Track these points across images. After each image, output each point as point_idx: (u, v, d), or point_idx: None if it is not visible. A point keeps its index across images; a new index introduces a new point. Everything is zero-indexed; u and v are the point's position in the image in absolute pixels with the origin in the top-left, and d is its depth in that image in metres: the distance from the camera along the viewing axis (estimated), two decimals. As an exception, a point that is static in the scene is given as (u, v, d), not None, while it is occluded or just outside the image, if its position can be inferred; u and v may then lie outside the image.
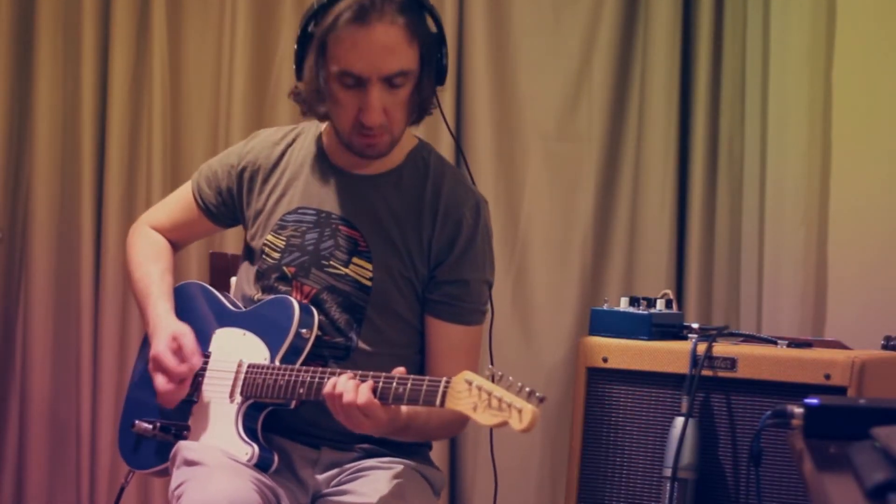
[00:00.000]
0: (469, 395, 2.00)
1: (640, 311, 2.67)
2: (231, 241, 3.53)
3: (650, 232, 3.52)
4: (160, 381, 2.34)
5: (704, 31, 3.44)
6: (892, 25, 3.30)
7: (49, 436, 3.80)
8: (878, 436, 1.46)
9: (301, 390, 2.23)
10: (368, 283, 2.35)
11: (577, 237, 3.58)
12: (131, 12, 3.77)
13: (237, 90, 3.71)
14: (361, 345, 2.35)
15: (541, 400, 1.96)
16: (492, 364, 2.23)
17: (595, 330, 2.70)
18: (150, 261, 2.52)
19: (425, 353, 2.40)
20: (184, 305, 2.47)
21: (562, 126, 3.60)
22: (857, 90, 3.32)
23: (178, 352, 2.34)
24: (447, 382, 2.05)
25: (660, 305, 2.70)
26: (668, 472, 2.51)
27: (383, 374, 2.13)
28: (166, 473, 2.37)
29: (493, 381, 2.00)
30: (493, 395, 1.98)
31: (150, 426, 2.40)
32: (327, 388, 2.15)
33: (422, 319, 2.39)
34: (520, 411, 1.95)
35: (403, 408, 2.18)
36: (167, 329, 2.37)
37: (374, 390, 2.12)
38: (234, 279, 2.59)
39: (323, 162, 2.43)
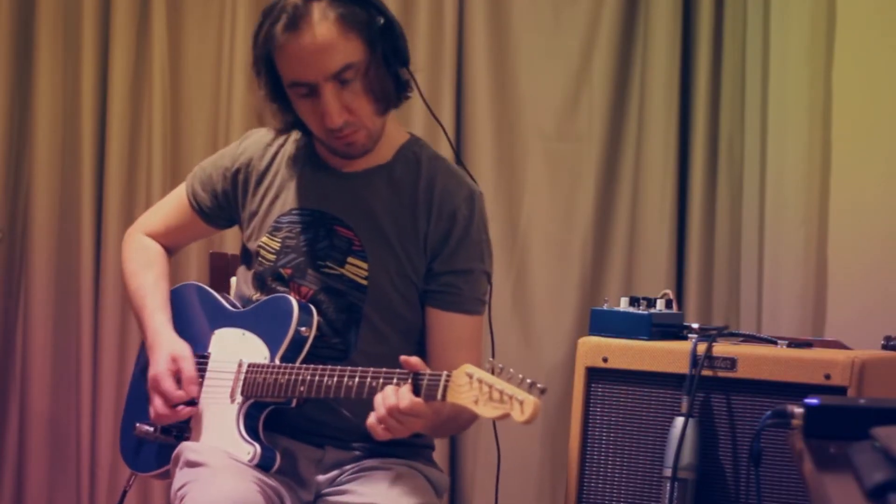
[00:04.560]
0: (470, 388, 2.00)
1: (640, 311, 2.67)
2: (230, 241, 3.52)
3: (650, 232, 3.51)
4: (157, 403, 2.34)
5: (704, 31, 3.44)
6: (892, 25, 3.29)
7: (49, 436, 3.80)
8: (878, 436, 1.45)
9: (302, 388, 2.22)
10: (364, 283, 2.34)
11: (577, 237, 3.58)
12: (131, 12, 3.77)
13: (237, 90, 3.71)
14: (360, 345, 2.34)
15: (542, 391, 1.95)
16: (493, 358, 2.22)
17: (595, 330, 2.70)
18: (143, 270, 2.52)
19: (427, 345, 2.38)
20: (181, 309, 2.47)
21: (562, 126, 3.60)
22: (857, 90, 3.32)
23: (177, 375, 2.34)
24: (448, 376, 2.05)
25: (660, 305, 2.70)
26: (668, 472, 2.50)
27: (396, 370, 2.12)
28: (167, 476, 2.37)
29: (493, 373, 1.99)
30: (494, 388, 1.97)
31: (152, 429, 2.39)
32: (381, 408, 2.10)
33: (420, 315, 2.38)
34: (521, 403, 1.94)
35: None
36: (166, 348, 2.37)
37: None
38: (233, 279, 2.59)
39: (315, 162, 2.42)
